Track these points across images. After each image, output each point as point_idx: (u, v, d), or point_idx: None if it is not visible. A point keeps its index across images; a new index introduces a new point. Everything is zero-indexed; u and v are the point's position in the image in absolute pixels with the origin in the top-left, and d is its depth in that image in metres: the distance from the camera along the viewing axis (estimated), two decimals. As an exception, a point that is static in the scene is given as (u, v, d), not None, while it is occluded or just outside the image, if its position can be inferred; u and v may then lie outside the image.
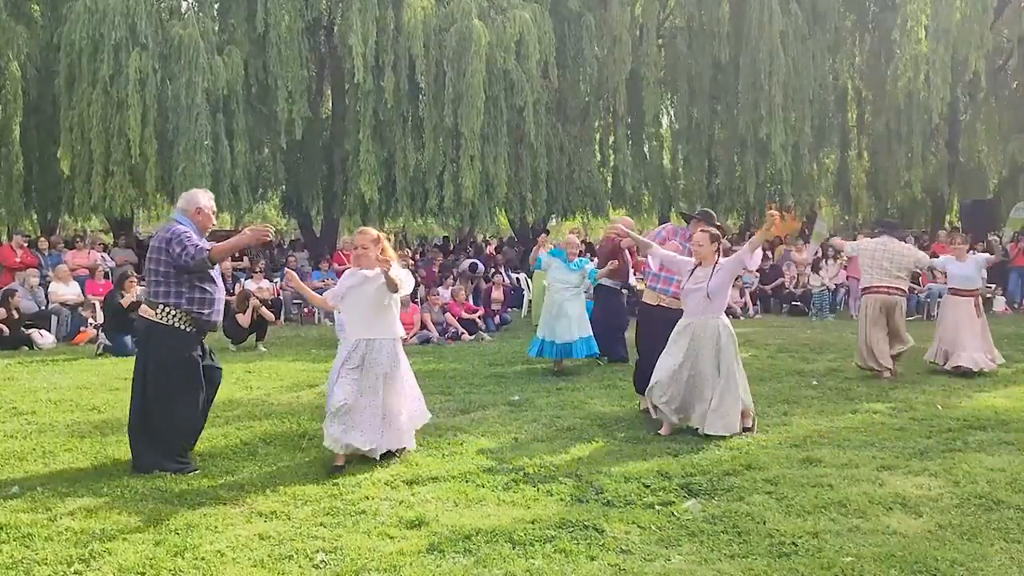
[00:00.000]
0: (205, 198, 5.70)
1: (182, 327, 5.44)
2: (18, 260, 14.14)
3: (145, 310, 5.54)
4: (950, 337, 9.25)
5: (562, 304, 9.19)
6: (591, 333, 9.35)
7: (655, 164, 20.91)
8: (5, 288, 12.51)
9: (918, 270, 10.30)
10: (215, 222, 5.83)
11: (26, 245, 14.81)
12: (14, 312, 11.77)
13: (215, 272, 5.60)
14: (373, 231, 5.77)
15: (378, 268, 5.49)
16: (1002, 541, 4.14)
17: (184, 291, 5.43)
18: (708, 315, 6.29)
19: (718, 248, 6.46)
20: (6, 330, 11.49)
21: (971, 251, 10.65)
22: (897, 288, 8.97)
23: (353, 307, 5.68)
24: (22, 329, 11.82)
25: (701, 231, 6.56)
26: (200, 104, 15.22)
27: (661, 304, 7.11)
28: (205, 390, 5.63)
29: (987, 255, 10.47)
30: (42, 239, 15.85)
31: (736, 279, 16.25)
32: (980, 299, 9.58)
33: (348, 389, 5.44)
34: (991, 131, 21.52)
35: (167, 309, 5.42)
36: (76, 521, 4.42)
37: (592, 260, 10.39)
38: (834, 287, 16.56)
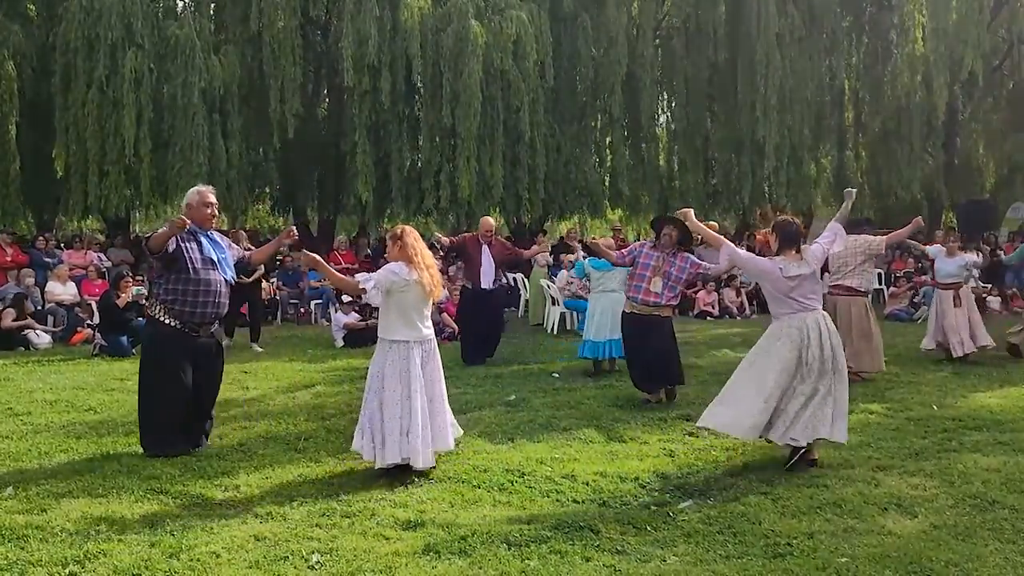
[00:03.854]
0: (193, 193, 5.95)
1: (164, 319, 5.71)
2: (9, 259, 14.12)
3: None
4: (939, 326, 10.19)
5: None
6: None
7: (652, 165, 20.87)
8: (17, 292, 12.55)
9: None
10: (212, 215, 5.95)
11: (11, 242, 14.79)
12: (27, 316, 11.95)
13: (202, 266, 5.73)
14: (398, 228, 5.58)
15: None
16: (997, 541, 4.15)
17: (162, 283, 5.77)
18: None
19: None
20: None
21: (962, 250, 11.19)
22: None
23: None
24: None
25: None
26: (196, 104, 15.20)
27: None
28: (190, 386, 5.76)
29: (974, 257, 10.85)
30: (40, 239, 15.81)
31: (733, 279, 16.41)
32: (957, 292, 10.25)
33: None
34: (988, 131, 21.55)
35: (152, 302, 5.89)
36: (71, 522, 4.41)
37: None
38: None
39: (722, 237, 6.11)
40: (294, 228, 6.44)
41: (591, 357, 9.23)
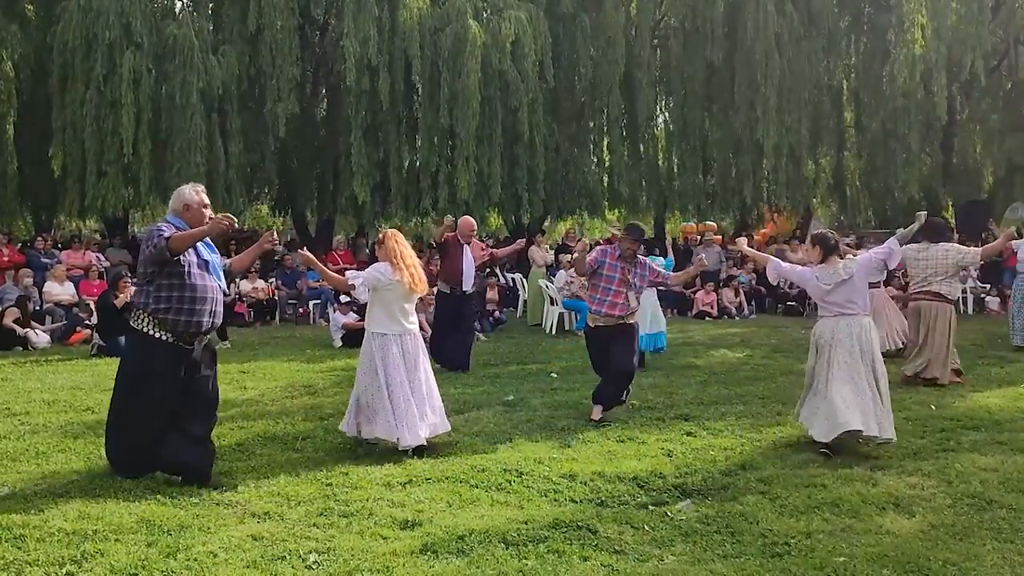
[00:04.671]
0: (192, 193, 5.29)
1: (155, 333, 5.02)
2: (6, 259, 14.10)
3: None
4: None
5: None
6: (661, 329, 9.97)
7: (650, 165, 20.88)
8: (20, 294, 12.56)
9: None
10: (210, 216, 5.27)
11: (7, 242, 14.79)
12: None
13: (198, 271, 5.09)
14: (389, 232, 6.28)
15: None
16: (994, 541, 4.15)
17: (151, 291, 5.02)
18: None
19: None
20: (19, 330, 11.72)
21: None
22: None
23: None
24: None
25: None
26: (195, 104, 15.17)
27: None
28: (176, 407, 5.12)
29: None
30: (39, 239, 15.82)
31: (732, 279, 16.42)
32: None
33: None
34: (986, 131, 21.55)
35: (138, 313, 5.08)
36: (68, 522, 4.40)
37: None
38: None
39: (768, 256, 6.80)
40: (274, 232, 6.04)
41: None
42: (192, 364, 5.17)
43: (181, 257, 5.01)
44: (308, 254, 6.22)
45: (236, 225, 5.14)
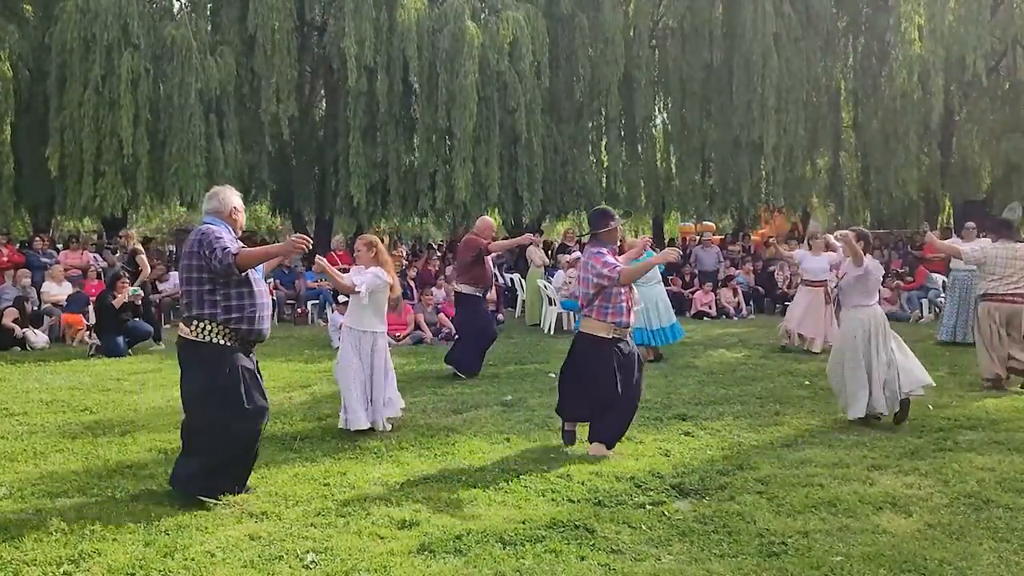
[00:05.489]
0: (238, 198, 5.05)
1: (224, 342, 4.74)
2: (5, 259, 14.09)
3: (181, 328, 4.84)
4: (796, 319, 10.77)
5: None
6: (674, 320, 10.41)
7: (649, 165, 20.92)
8: (19, 295, 12.54)
9: None
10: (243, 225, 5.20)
11: (6, 242, 14.78)
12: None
13: (257, 275, 4.92)
14: (369, 236, 6.80)
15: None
16: (991, 540, 4.15)
17: (220, 300, 4.70)
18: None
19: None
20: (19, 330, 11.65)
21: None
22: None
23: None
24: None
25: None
26: (193, 104, 15.21)
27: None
28: (255, 408, 4.85)
29: (834, 254, 10.09)
30: (37, 239, 15.80)
31: (730, 279, 16.41)
32: (828, 289, 10.31)
33: None
34: (984, 131, 21.59)
35: (203, 324, 4.71)
36: (66, 522, 4.40)
37: None
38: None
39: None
40: (305, 238, 4.96)
41: (649, 344, 10.05)
42: (252, 371, 4.94)
43: None
44: (324, 263, 5.83)
45: (308, 247, 4.88)
